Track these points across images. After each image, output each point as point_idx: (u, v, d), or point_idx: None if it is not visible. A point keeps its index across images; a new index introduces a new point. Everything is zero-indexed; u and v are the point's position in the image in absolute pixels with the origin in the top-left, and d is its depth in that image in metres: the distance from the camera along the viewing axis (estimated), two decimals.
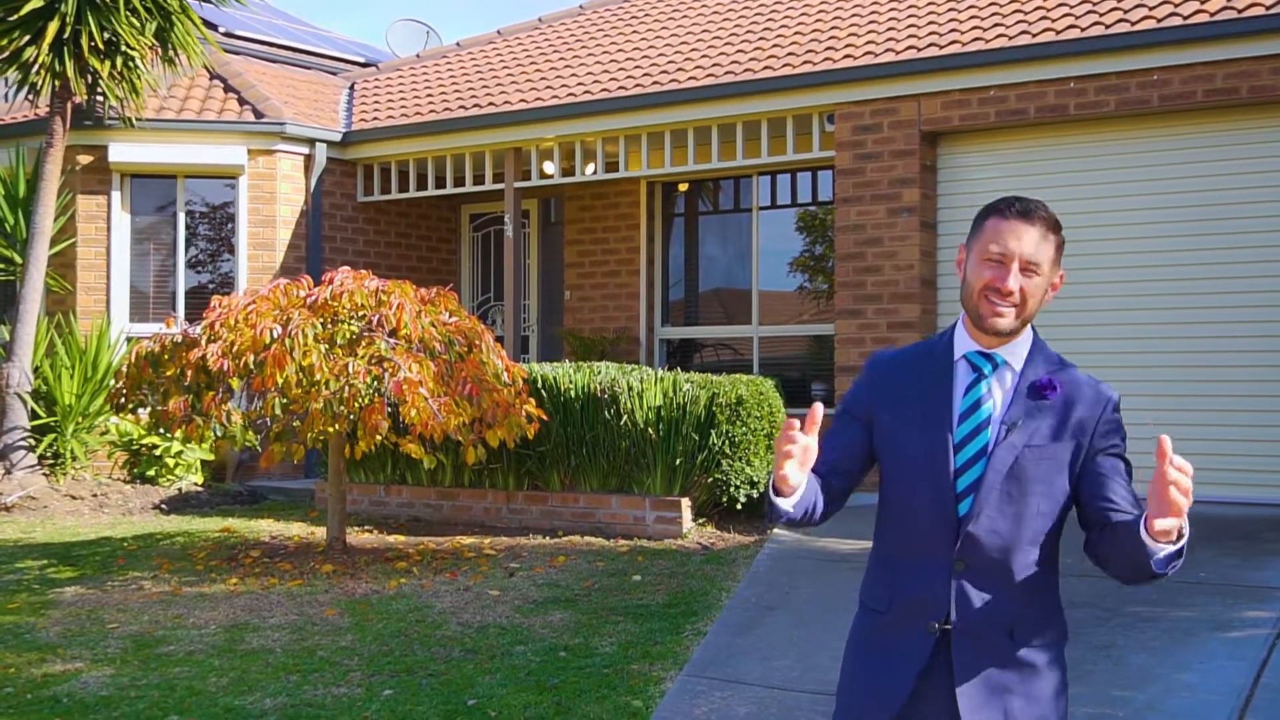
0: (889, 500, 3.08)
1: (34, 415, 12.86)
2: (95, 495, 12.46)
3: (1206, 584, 7.46)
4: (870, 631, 3.08)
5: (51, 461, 13.02)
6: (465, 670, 6.79)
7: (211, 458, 13.44)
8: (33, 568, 9.66)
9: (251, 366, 8.63)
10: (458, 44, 17.44)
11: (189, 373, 8.81)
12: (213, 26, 21.02)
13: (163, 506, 12.42)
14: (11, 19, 12.39)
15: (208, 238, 14.72)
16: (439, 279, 16.02)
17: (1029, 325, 3.05)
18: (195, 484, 13.24)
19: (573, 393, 10.42)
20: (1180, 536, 2.72)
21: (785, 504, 2.87)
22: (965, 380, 3.03)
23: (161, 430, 9.23)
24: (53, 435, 12.95)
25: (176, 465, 13.11)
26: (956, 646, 2.93)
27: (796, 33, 12.97)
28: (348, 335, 8.88)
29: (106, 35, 12.62)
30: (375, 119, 15.14)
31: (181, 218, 14.52)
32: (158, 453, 12.99)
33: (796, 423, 2.80)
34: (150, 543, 10.62)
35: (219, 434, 8.93)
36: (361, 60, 21.03)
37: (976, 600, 2.93)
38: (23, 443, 12.56)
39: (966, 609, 2.94)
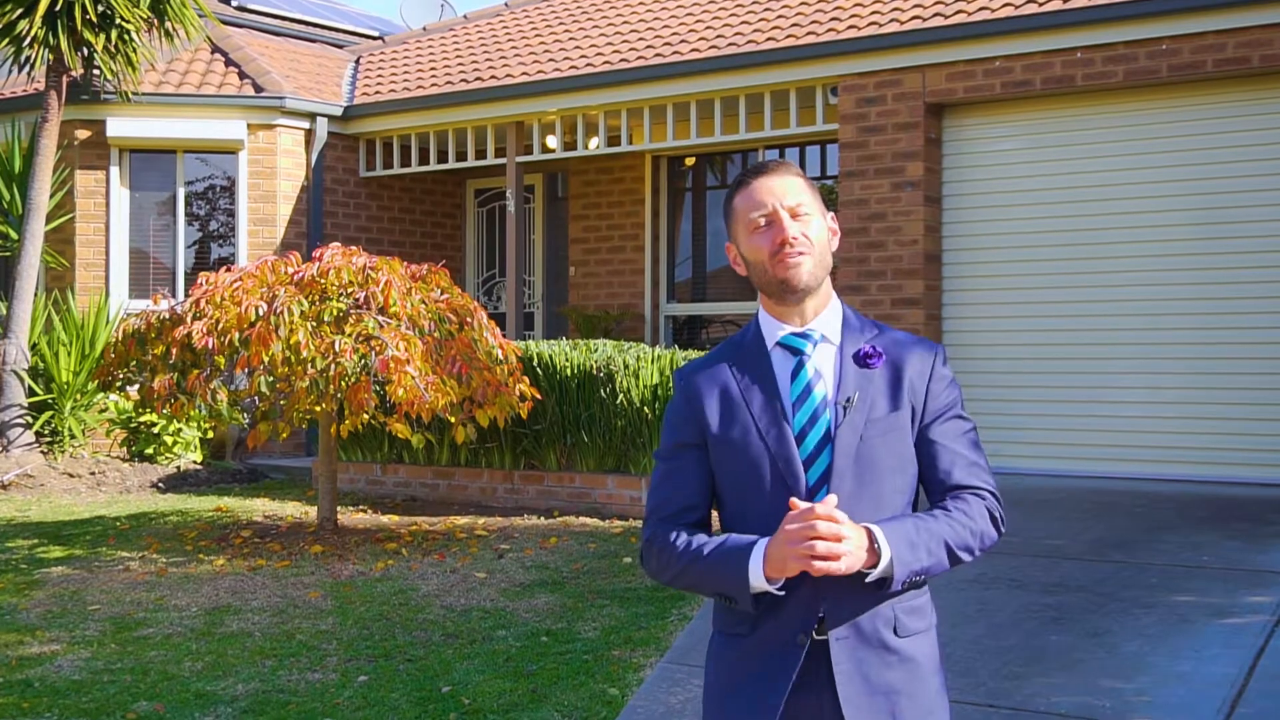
0: (734, 514, 2.80)
1: (31, 393, 12.77)
2: (93, 473, 12.36)
3: (1209, 568, 7.27)
4: (734, 658, 2.81)
5: (49, 439, 12.92)
6: (444, 655, 6.65)
7: (211, 435, 13.33)
8: (23, 547, 9.56)
9: (237, 344, 8.49)
10: (464, 17, 17.26)
11: (174, 350, 8.68)
12: (225, 0, 20.91)
13: (160, 485, 12.32)
14: None
15: (208, 213, 14.59)
16: (444, 255, 15.87)
17: (833, 294, 2.84)
18: (194, 462, 13.13)
19: (569, 371, 10.26)
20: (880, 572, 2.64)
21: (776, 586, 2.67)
22: (787, 367, 2.78)
23: (147, 409, 9.07)
24: (50, 413, 12.85)
25: (175, 443, 12.99)
26: (836, 653, 2.69)
27: (803, 2, 12.73)
28: (335, 313, 8.72)
29: (101, 8, 12.46)
30: (378, 93, 14.97)
31: (181, 193, 14.38)
32: (156, 430, 12.88)
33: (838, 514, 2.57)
34: (143, 522, 10.51)
35: (204, 413, 8.80)
36: (376, 34, 20.90)
37: (850, 599, 2.68)
38: (20, 420, 12.46)
39: (841, 611, 2.70)
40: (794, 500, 2.59)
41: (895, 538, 2.61)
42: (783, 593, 2.64)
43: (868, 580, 2.62)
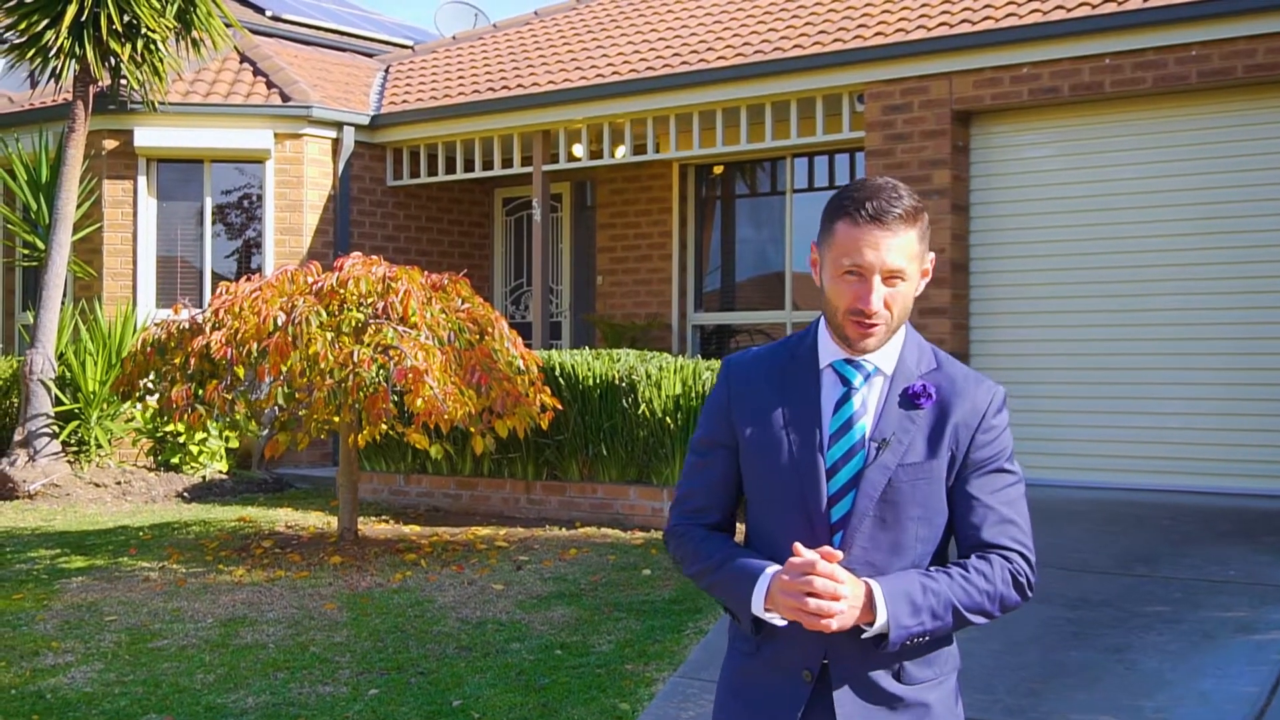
0: (755, 530, 2.75)
1: (58, 402, 12.78)
2: (119, 483, 12.37)
3: (1234, 583, 7.14)
4: (740, 673, 2.75)
5: (75, 449, 12.94)
6: (456, 668, 6.58)
7: (236, 445, 13.32)
8: (45, 557, 9.56)
9: (255, 354, 8.46)
10: (494, 25, 17.25)
11: (193, 360, 8.66)
12: (260, 10, 20.99)
13: (185, 495, 12.32)
14: (29, 1, 12.28)
15: (235, 222, 14.61)
16: (472, 264, 15.85)
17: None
18: (220, 472, 13.12)
19: (591, 381, 10.19)
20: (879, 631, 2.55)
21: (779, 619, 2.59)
22: (834, 394, 2.67)
23: (166, 419, 9.06)
24: (77, 422, 12.87)
25: (201, 453, 12.99)
26: (838, 696, 2.61)
27: (830, 10, 12.65)
28: (354, 323, 8.69)
29: (127, 18, 12.48)
30: (405, 102, 14.96)
31: (209, 202, 14.41)
32: (182, 440, 12.88)
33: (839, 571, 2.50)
34: (165, 532, 10.50)
35: (222, 423, 8.78)
36: (410, 43, 20.93)
37: (854, 642, 2.58)
38: (46, 430, 12.48)
39: (843, 652, 2.61)
40: (798, 547, 2.51)
41: (896, 598, 2.52)
42: (784, 624, 2.57)
43: (863, 637, 2.55)
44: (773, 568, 2.57)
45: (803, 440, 2.64)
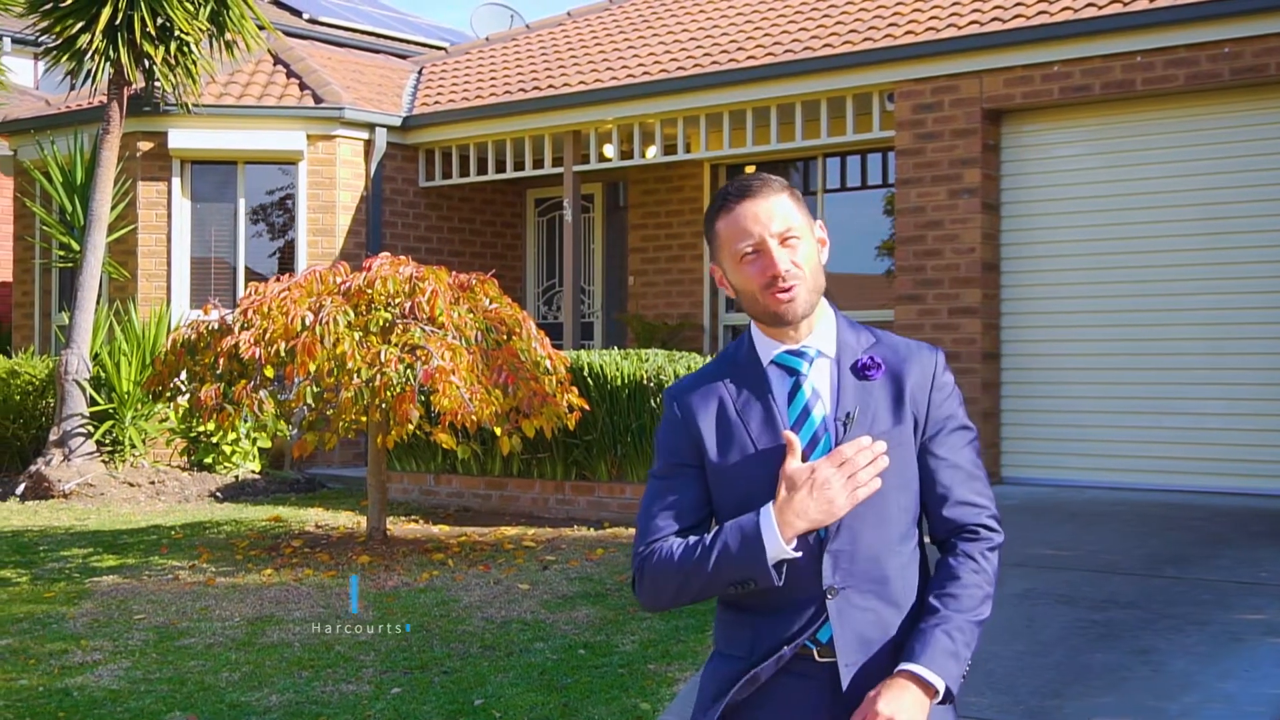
0: None
1: (93, 402, 12.89)
2: (152, 483, 12.45)
3: (1266, 585, 7.07)
4: (734, 680, 2.66)
5: (110, 449, 13.03)
6: (480, 668, 6.59)
7: (270, 445, 13.38)
8: (77, 556, 9.63)
9: (283, 354, 8.49)
10: (527, 26, 17.29)
11: (221, 360, 8.70)
12: (296, 13, 21.09)
13: (218, 494, 12.39)
14: (64, 4, 12.39)
15: (268, 223, 14.68)
16: (504, 264, 15.88)
17: (826, 302, 2.70)
18: (252, 471, 13.19)
19: (619, 381, 10.19)
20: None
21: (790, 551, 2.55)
22: (784, 387, 2.67)
23: (195, 419, 9.11)
24: (111, 422, 12.96)
25: (234, 453, 13.07)
26: (846, 682, 2.57)
27: (860, 9, 12.61)
28: (381, 323, 8.71)
29: (160, 21, 12.57)
30: (437, 103, 15.00)
31: (242, 204, 14.49)
32: (215, 440, 12.95)
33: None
34: (197, 531, 10.56)
35: (250, 423, 8.82)
36: (445, 45, 20.97)
37: (858, 625, 2.57)
38: (81, 430, 12.58)
39: (849, 638, 2.58)
40: (788, 434, 2.55)
41: (936, 661, 2.53)
42: (799, 554, 2.52)
43: (936, 703, 2.55)
44: (764, 508, 2.55)
45: (766, 437, 2.64)
